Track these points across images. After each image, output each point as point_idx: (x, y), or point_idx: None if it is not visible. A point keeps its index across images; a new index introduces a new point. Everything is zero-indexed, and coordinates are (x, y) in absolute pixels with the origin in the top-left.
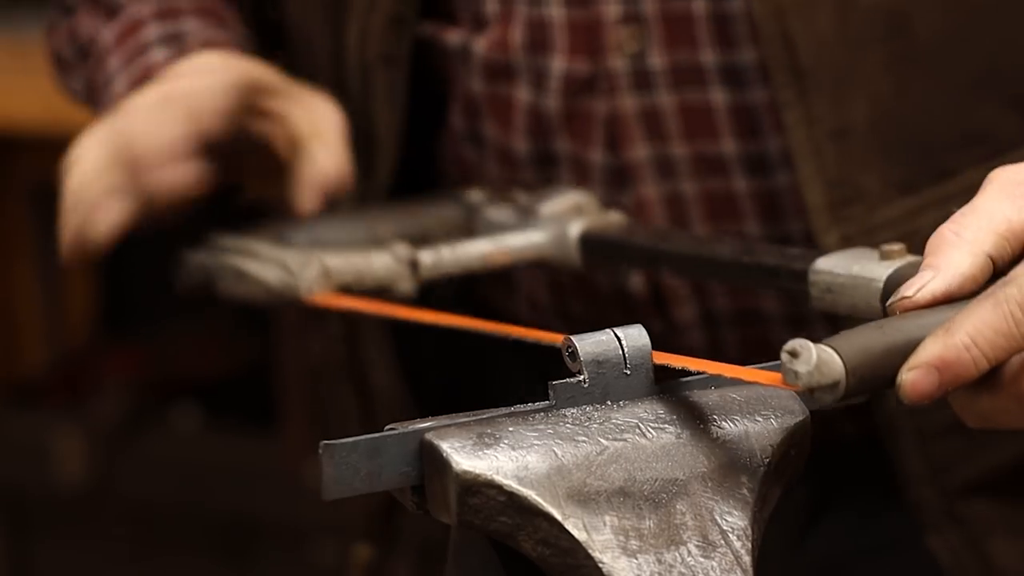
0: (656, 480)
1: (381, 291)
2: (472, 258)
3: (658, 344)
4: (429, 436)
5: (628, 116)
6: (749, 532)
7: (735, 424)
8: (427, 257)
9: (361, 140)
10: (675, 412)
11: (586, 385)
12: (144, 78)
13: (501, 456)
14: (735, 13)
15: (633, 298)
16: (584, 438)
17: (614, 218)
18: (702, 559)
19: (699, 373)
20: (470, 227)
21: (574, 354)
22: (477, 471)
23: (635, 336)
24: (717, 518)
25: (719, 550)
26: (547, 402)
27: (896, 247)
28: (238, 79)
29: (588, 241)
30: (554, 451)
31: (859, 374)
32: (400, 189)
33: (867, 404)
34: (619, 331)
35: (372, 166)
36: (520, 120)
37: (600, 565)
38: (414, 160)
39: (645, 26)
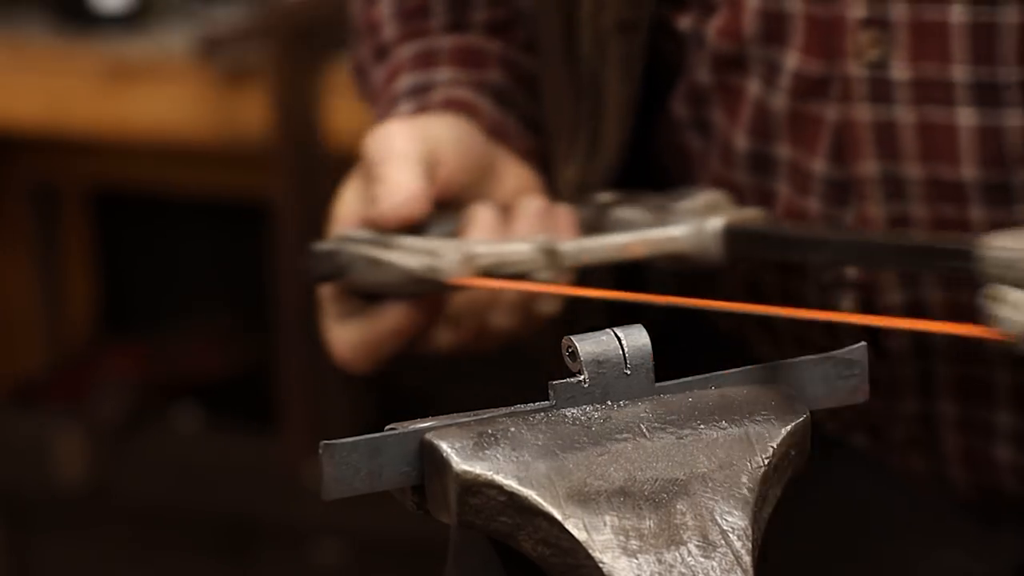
0: (656, 480)
1: (521, 277)
2: (610, 249)
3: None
4: (429, 436)
5: (860, 127)
6: (749, 532)
7: (735, 424)
8: (567, 246)
9: (588, 113)
10: (675, 412)
11: (586, 385)
12: None
13: (501, 456)
14: (1003, 25)
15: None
16: (584, 438)
17: (752, 214)
18: (702, 559)
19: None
20: (599, 227)
21: (574, 354)
22: (477, 471)
23: (635, 336)
24: (717, 518)
25: (719, 550)
26: (547, 402)
27: None
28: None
29: (731, 233)
30: (554, 451)
31: None
32: (620, 174)
33: None
34: (619, 331)
35: (598, 141)
36: (746, 114)
37: (600, 565)
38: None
39: (890, 32)
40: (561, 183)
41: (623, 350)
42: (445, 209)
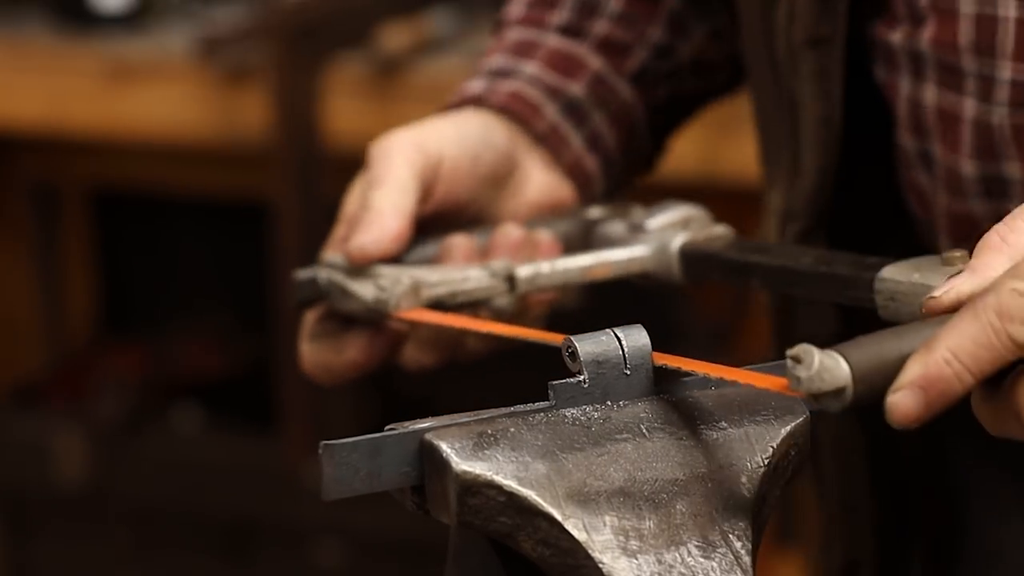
0: (656, 480)
1: (476, 307)
2: (572, 272)
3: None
4: (429, 436)
5: None
6: (749, 532)
7: (735, 424)
8: (524, 271)
9: (788, 134)
10: (675, 412)
11: (586, 385)
12: (455, 103)
13: (501, 456)
14: None
15: None
16: (584, 438)
17: (719, 231)
18: (702, 559)
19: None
20: (587, 243)
21: (574, 354)
22: (477, 471)
23: (635, 336)
24: (717, 518)
25: (719, 550)
26: (547, 402)
27: (958, 253)
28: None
29: (687, 254)
30: (554, 451)
31: (869, 381)
32: (849, 204)
33: None
34: (619, 331)
35: (797, 164)
36: (967, 137)
37: (600, 565)
38: (870, 179)
39: None
40: (769, 210)
41: (623, 350)
42: (448, 221)
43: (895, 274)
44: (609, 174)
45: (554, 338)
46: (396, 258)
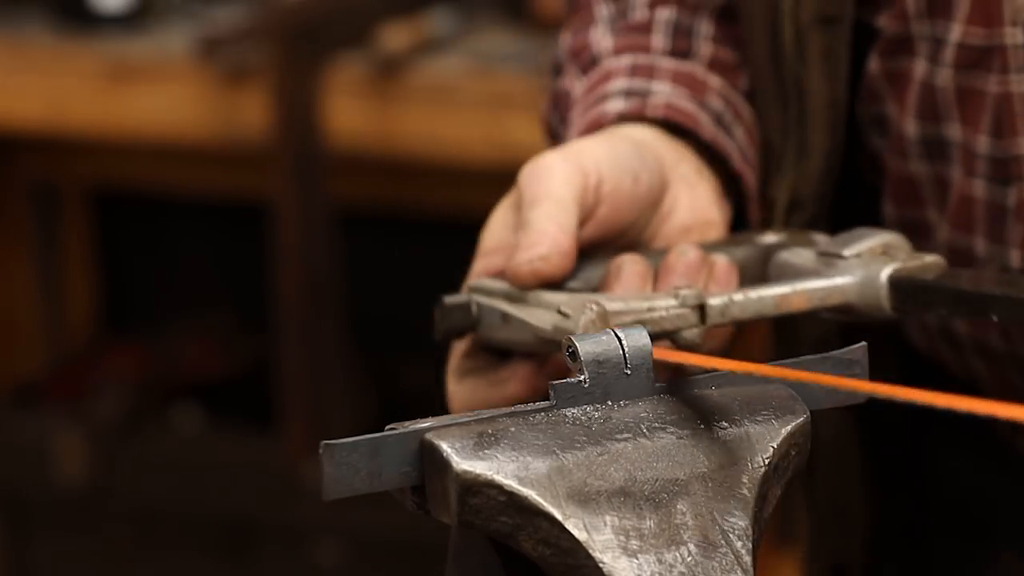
0: (656, 480)
1: (663, 337)
2: (766, 302)
3: None
4: (429, 436)
5: (1018, 100)
6: (749, 532)
7: (735, 424)
8: (716, 301)
9: (795, 120)
10: (675, 412)
11: (586, 385)
12: (594, 126)
13: (501, 456)
14: None
15: None
16: (584, 438)
17: (929, 260)
18: (702, 559)
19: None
20: (764, 271)
21: (574, 354)
22: (477, 471)
23: (636, 336)
24: (717, 518)
25: (719, 550)
26: (547, 402)
27: None
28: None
29: (898, 284)
30: (554, 451)
31: None
32: (849, 185)
33: None
34: (619, 331)
35: (805, 148)
36: (913, 97)
37: (600, 565)
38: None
39: None
40: (772, 199)
41: (623, 350)
42: (604, 248)
43: None
44: (759, 193)
45: (782, 373)
46: (558, 284)
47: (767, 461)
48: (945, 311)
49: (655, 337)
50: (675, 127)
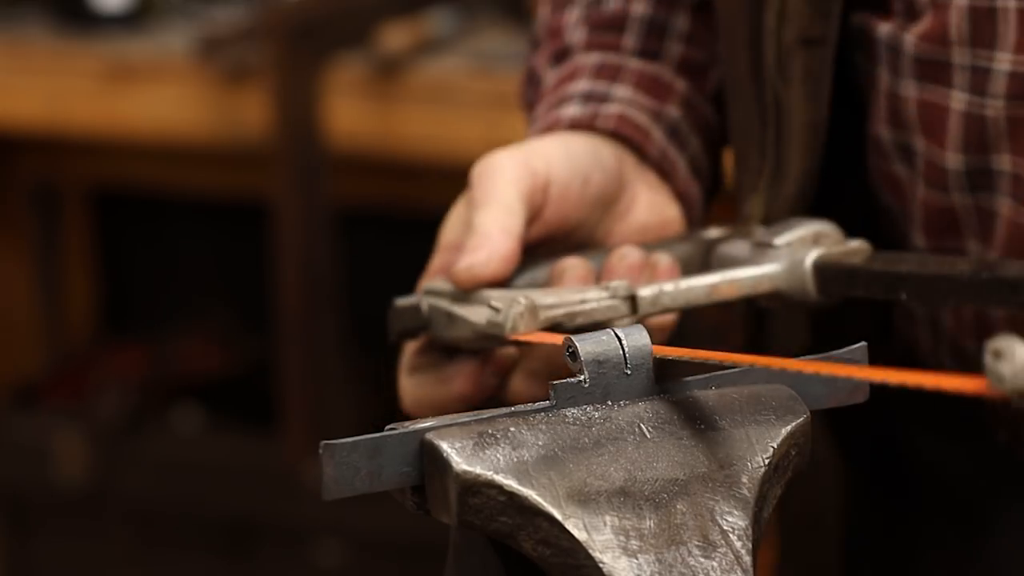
0: (656, 480)
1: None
2: (697, 292)
3: None
4: (429, 436)
5: None
6: (749, 532)
7: (735, 424)
8: (647, 291)
9: (773, 139)
10: (675, 412)
11: (586, 385)
12: (550, 129)
13: (501, 456)
14: None
15: None
16: (584, 438)
17: (855, 246)
18: (702, 559)
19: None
20: (707, 265)
21: (574, 354)
22: (477, 471)
23: (636, 336)
24: (717, 518)
25: (719, 550)
26: (547, 402)
27: None
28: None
29: (822, 270)
30: (554, 451)
31: None
32: (822, 198)
33: None
34: (620, 331)
35: (782, 167)
36: (954, 130)
37: (600, 565)
38: (838, 169)
39: None
40: (745, 214)
41: (623, 350)
42: (554, 246)
43: None
44: (707, 201)
45: (713, 356)
46: (503, 283)
47: (767, 461)
48: (864, 292)
49: (588, 329)
50: (625, 140)
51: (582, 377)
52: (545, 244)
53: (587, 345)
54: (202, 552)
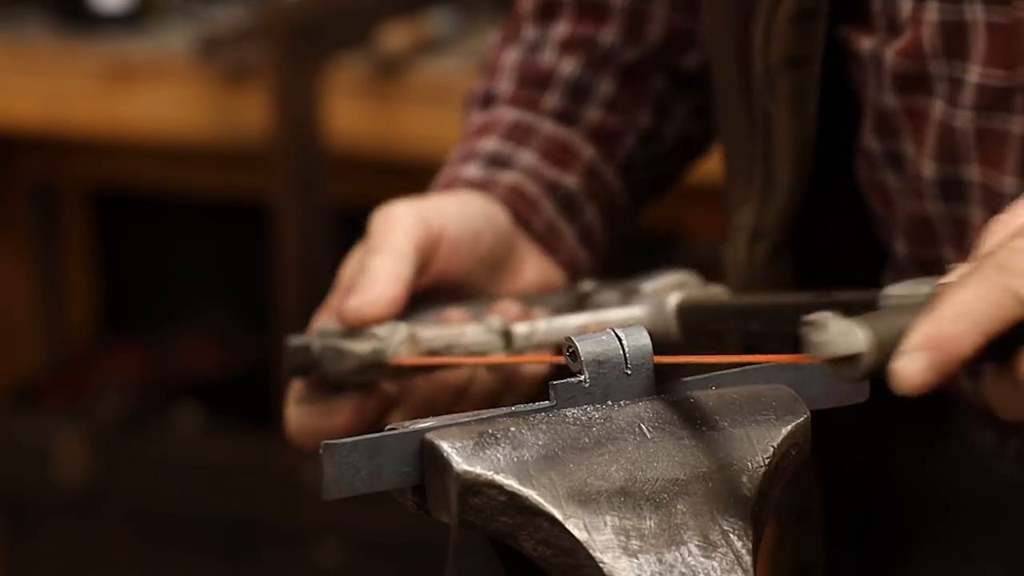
0: (657, 480)
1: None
2: (567, 330)
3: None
4: (429, 436)
5: None
6: (749, 532)
7: (735, 424)
8: (521, 328)
9: (761, 155)
10: (676, 412)
11: (587, 385)
12: (451, 184)
13: (502, 456)
14: None
15: None
16: (585, 438)
17: (715, 291)
18: (703, 559)
19: (710, 368)
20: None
21: (575, 354)
22: (478, 471)
23: (636, 336)
24: (718, 518)
25: (720, 550)
26: (547, 402)
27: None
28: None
29: (684, 310)
30: (555, 451)
31: (886, 350)
32: (811, 215)
33: None
34: (620, 331)
35: (770, 184)
36: (931, 139)
37: (601, 565)
38: (830, 185)
39: None
40: (735, 225)
41: (624, 350)
42: (443, 296)
43: (901, 290)
44: (597, 264)
45: (710, 359)
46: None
47: (767, 461)
48: (721, 326)
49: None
50: (513, 210)
51: (582, 377)
52: (433, 295)
53: (587, 345)
54: (202, 552)
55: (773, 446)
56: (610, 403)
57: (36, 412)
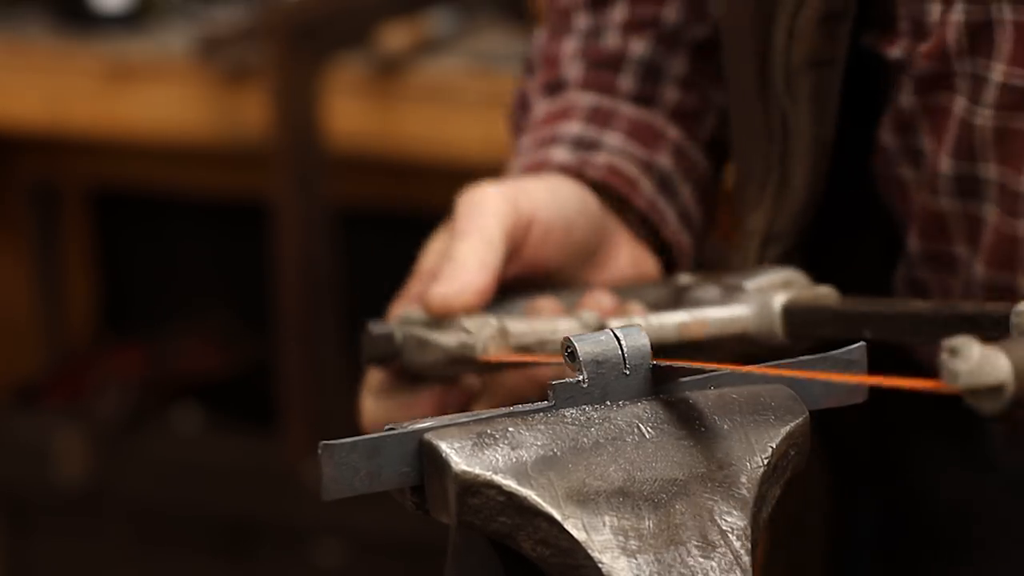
0: (655, 480)
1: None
2: (667, 329)
3: None
4: (428, 436)
5: None
6: (748, 532)
7: (734, 424)
8: (617, 324)
9: (778, 157)
10: (674, 412)
11: (585, 385)
12: (537, 169)
13: (500, 456)
14: None
15: None
16: (583, 438)
17: (823, 291)
18: (701, 559)
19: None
20: (677, 308)
21: (573, 354)
22: (476, 471)
23: (634, 336)
24: (716, 518)
25: (718, 550)
26: (546, 402)
27: None
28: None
29: (791, 312)
30: (553, 451)
31: None
32: (826, 215)
33: None
34: (619, 331)
35: (786, 185)
36: (950, 135)
37: (600, 565)
38: (844, 187)
39: None
40: (748, 229)
41: (622, 350)
42: (532, 286)
43: None
44: (697, 249)
45: (710, 365)
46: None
47: (766, 461)
48: (830, 332)
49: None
50: (612, 190)
51: (581, 377)
52: (522, 284)
53: (586, 345)
54: (202, 552)
55: (772, 446)
56: (609, 403)
57: (36, 412)
